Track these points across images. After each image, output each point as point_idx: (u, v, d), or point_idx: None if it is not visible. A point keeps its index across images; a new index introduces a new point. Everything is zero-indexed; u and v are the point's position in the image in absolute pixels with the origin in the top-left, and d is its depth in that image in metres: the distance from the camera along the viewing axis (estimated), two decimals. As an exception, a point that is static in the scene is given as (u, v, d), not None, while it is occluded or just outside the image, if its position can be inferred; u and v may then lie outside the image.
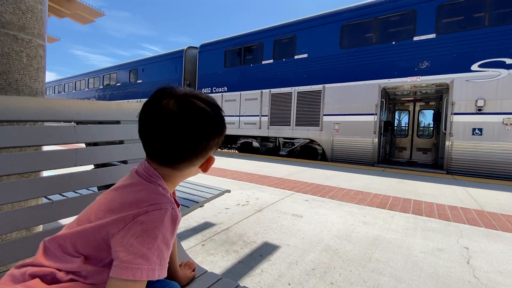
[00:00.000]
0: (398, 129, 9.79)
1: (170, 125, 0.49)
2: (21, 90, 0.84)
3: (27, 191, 0.63)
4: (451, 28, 5.84)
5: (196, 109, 0.51)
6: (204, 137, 0.52)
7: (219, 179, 4.04)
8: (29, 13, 0.86)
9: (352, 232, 2.09)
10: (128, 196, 0.52)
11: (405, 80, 6.29)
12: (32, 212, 0.63)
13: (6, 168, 0.61)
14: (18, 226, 0.60)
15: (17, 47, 0.83)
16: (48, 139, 0.67)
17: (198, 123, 0.51)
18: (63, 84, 19.58)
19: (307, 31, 7.77)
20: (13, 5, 0.82)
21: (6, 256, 0.59)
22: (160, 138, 0.50)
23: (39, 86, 0.91)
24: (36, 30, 0.89)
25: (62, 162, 0.70)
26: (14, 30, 0.82)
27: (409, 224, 2.32)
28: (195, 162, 0.55)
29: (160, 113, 0.50)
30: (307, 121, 7.76)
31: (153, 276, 0.46)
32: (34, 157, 0.65)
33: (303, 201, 2.95)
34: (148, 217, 0.48)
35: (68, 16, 5.71)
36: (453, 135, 5.79)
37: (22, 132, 0.64)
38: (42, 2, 0.93)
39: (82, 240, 0.50)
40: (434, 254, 1.76)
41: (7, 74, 0.81)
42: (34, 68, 0.88)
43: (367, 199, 3.15)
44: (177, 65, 11.06)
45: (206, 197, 1.55)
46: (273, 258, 1.62)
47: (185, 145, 0.51)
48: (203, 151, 0.54)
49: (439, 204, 3.04)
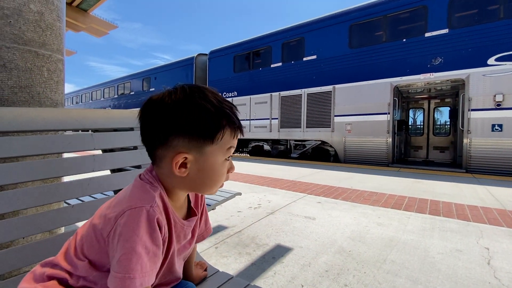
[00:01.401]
0: (413, 128, 9.54)
1: (142, 121, 0.52)
2: (43, 102, 0.90)
3: (50, 195, 0.68)
4: (464, 22, 5.67)
5: (164, 97, 0.50)
6: (163, 130, 0.49)
7: (231, 182, 4.08)
8: (49, 30, 0.93)
9: (366, 233, 2.05)
10: (119, 195, 0.52)
11: (418, 78, 6.14)
12: (54, 215, 0.68)
13: (31, 174, 0.66)
14: (42, 228, 0.65)
15: (38, 63, 0.89)
16: (69, 147, 0.72)
17: (157, 111, 0.50)
18: (81, 95, 20.41)
19: (315, 33, 7.76)
20: (34, 24, 0.89)
21: (32, 256, 0.63)
22: (141, 133, 0.53)
23: (59, 97, 0.97)
24: (55, 46, 0.95)
25: (81, 168, 0.74)
26: (35, 47, 0.88)
27: (426, 225, 2.26)
28: (162, 155, 0.51)
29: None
30: (318, 123, 7.71)
31: (132, 285, 0.43)
32: (56, 164, 0.70)
33: (316, 203, 2.93)
34: (123, 219, 0.46)
35: (84, 30, 5.98)
36: (471, 132, 5.59)
37: (45, 141, 0.69)
38: (60, 19, 0.99)
39: (86, 242, 0.51)
40: (452, 255, 1.70)
41: (30, 87, 0.87)
42: (54, 81, 0.94)
43: (382, 200, 3.09)
44: (188, 72, 11.30)
45: (218, 200, 1.58)
46: (285, 260, 1.62)
47: (148, 133, 0.51)
48: (165, 142, 0.50)
49: (458, 204, 2.94)
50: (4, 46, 0.82)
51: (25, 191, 0.64)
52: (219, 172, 0.53)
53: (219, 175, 0.54)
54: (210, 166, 0.52)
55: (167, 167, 0.51)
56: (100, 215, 0.51)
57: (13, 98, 0.84)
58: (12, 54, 0.83)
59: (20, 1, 0.86)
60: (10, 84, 0.83)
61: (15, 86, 0.84)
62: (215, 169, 0.52)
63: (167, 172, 0.52)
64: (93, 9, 5.35)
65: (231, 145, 0.53)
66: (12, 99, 0.83)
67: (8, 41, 0.83)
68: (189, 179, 0.52)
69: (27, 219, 0.63)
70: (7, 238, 0.60)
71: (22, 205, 0.63)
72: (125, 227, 0.45)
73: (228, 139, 0.52)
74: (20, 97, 0.85)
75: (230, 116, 0.52)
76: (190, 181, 0.52)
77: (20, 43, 0.85)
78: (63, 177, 0.73)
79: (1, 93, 0.82)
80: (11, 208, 0.62)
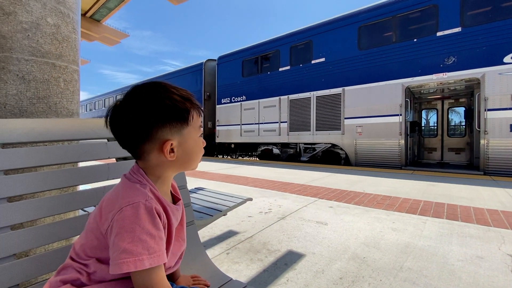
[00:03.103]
0: (426, 129, 9.30)
1: (116, 126, 0.57)
2: (60, 112, 0.93)
3: (66, 204, 0.69)
4: (478, 20, 5.52)
5: (130, 99, 0.55)
6: (145, 125, 0.54)
7: (241, 187, 4.07)
8: (65, 42, 0.96)
9: (380, 239, 2.00)
10: (111, 195, 0.56)
11: (431, 78, 6.00)
12: (71, 224, 0.69)
13: (49, 184, 0.67)
14: (60, 236, 0.66)
15: (55, 74, 0.92)
16: (85, 156, 0.73)
17: (131, 111, 0.54)
18: (94, 102, 20.99)
19: (323, 36, 7.73)
20: (51, 37, 0.92)
21: (49, 265, 0.64)
22: (119, 137, 0.58)
23: (74, 107, 1.00)
24: (71, 57, 0.98)
25: (97, 177, 0.75)
26: (52, 59, 0.91)
27: (444, 230, 2.18)
28: (149, 149, 0.56)
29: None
30: (327, 125, 7.64)
31: (142, 266, 0.48)
32: (72, 173, 0.71)
33: (327, 208, 2.88)
34: (122, 214, 0.50)
35: (97, 40, 6.17)
36: (489, 132, 5.40)
37: (61, 150, 0.70)
38: (75, 31, 1.02)
39: (87, 245, 0.55)
40: (473, 263, 1.63)
41: (47, 98, 0.90)
42: (70, 92, 0.97)
43: (396, 204, 3.01)
44: (197, 78, 11.46)
45: (229, 206, 1.57)
46: (298, 267, 1.59)
47: (129, 133, 0.55)
48: (149, 136, 0.54)
49: (477, 208, 2.83)
50: (23, 59, 0.85)
51: (42, 201, 0.66)
52: (198, 148, 0.61)
53: (199, 150, 0.62)
54: (191, 145, 0.59)
55: (155, 158, 0.57)
56: (94, 218, 0.55)
57: (31, 109, 0.86)
58: (31, 66, 0.86)
59: (38, 14, 0.89)
60: (29, 95, 0.85)
61: (34, 97, 0.86)
62: (195, 146, 0.60)
63: (156, 162, 0.58)
64: (106, 19, 5.53)
65: (200, 124, 0.62)
66: (30, 109, 0.86)
67: (26, 54, 0.86)
68: (178, 161, 0.58)
69: (45, 228, 0.65)
70: (26, 247, 0.62)
71: (40, 214, 0.65)
72: (127, 220, 0.50)
73: (197, 118, 0.60)
74: (38, 108, 0.87)
75: (191, 99, 0.59)
76: (179, 162, 0.59)
77: (38, 56, 0.87)
78: (79, 185, 0.74)
79: (20, 104, 0.84)
80: (30, 218, 0.63)
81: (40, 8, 0.89)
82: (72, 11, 0.99)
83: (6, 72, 0.82)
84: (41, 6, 0.89)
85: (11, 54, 0.83)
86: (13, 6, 0.85)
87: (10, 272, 0.58)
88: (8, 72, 0.82)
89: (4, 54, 0.82)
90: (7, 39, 0.83)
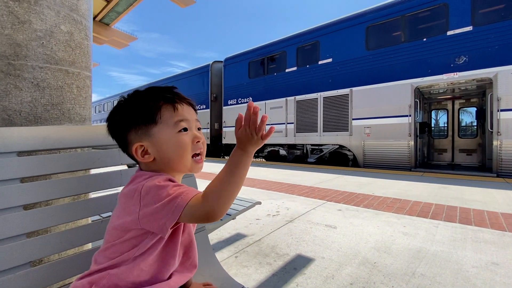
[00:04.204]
0: (436, 130, 9.13)
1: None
2: (73, 118, 0.94)
3: (80, 211, 0.69)
4: (490, 19, 5.39)
5: (111, 111, 0.61)
6: (119, 133, 0.59)
7: (248, 188, 4.07)
8: (78, 49, 0.97)
9: (391, 244, 1.96)
10: (127, 188, 0.58)
11: (441, 78, 5.89)
12: (85, 230, 0.70)
13: (63, 191, 0.68)
14: (74, 243, 0.67)
15: (68, 80, 0.93)
16: (98, 163, 0.74)
17: (110, 122, 0.61)
18: (103, 104, 21.35)
19: (330, 36, 7.68)
20: (64, 44, 0.93)
21: (66, 271, 0.65)
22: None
23: (87, 113, 1.01)
24: (83, 63, 1.00)
25: (110, 183, 0.76)
26: (66, 66, 0.92)
27: (457, 235, 2.12)
28: (132, 154, 0.59)
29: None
30: (335, 126, 7.57)
31: (184, 201, 0.50)
32: (85, 180, 0.72)
33: (336, 210, 2.85)
34: (148, 184, 0.52)
35: (106, 43, 6.27)
36: (502, 134, 5.26)
37: (75, 157, 0.71)
38: (88, 37, 1.04)
39: (111, 245, 0.56)
40: (488, 269, 1.59)
41: (61, 105, 0.91)
42: (83, 98, 0.98)
43: (406, 207, 2.96)
44: (204, 80, 11.52)
45: (238, 209, 1.57)
46: (307, 271, 1.57)
47: (116, 142, 0.61)
48: (126, 142, 0.59)
49: (491, 212, 2.75)
50: (37, 66, 0.86)
51: (56, 208, 0.66)
52: (177, 144, 0.57)
53: (179, 147, 0.57)
54: (165, 143, 0.56)
55: (140, 163, 0.60)
56: (117, 217, 0.56)
57: (45, 115, 0.88)
58: (45, 73, 0.87)
59: (52, 22, 0.90)
60: (43, 102, 0.87)
61: (48, 104, 0.88)
62: (170, 143, 0.57)
63: (144, 166, 0.60)
64: (115, 22, 5.61)
65: (178, 118, 0.57)
66: (44, 116, 0.87)
67: (41, 61, 0.87)
68: (159, 161, 0.58)
69: (59, 235, 0.65)
70: (41, 254, 0.62)
71: (54, 221, 0.65)
72: (153, 187, 0.51)
73: (170, 115, 0.57)
74: (52, 114, 0.88)
75: (164, 95, 0.58)
76: (161, 162, 0.58)
77: (52, 63, 0.89)
78: (93, 192, 0.74)
79: (35, 111, 0.86)
80: (45, 225, 0.64)
81: (54, 16, 0.90)
82: (84, 18, 1.00)
83: (22, 80, 0.84)
84: (54, 14, 0.90)
85: (26, 62, 0.85)
86: (28, 15, 0.86)
87: (26, 280, 0.59)
88: (23, 80, 0.84)
89: (19, 62, 0.84)
90: (22, 47, 0.85)
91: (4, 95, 0.81)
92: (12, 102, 0.82)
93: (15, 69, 0.83)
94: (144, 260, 0.54)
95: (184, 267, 0.64)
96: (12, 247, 0.58)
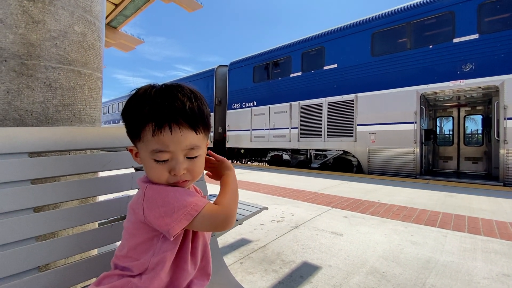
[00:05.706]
0: (442, 137, 9.05)
1: None
2: (83, 119, 0.93)
3: (90, 214, 0.68)
4: (496, 27, 5.37)
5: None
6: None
7: (252, 193, 4.04)
8: (91, 50, 0.96)
9: (399, 253, 1.92)
10: (134, 197, 0.58)
11: (447, 85, 5.85)
12: (94, 235, 0.68)
13: (73, 193, 0.66)
14: (83, 248, 0.65)
15: (80, 81, 0.93)
16: (109, 165, 0.72)
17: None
18: (108, 106, 21.50)
19: (336, 42, 7.69)
20: (77, 45, 0.93)
21: (73, 277, 0.63)
22: None
23: (97, 114, 1.00)
24: (95, 65, 0.99)
25: (120, 186, 0.74)
26: (78, 66, 0.92)
27: (466, 245, 2.08)
28: (133, 152, 0.58)
29: None
30: (339, 132, 7.53)
31: (198, 208, 0.51)
32: (96, 182, 0.70)
33: (342, 217, 2.81)
34: (147, 191, 0.53)
35: (113, 46, 6.33)
36: (509, 142, 5.19)
37: (87, 159, 0.70)
38: (100, 39, 1.03)
39: (130, 248, 0.56)
40: (499, 281, 1.54)
41: (72, 105, 0.90)
42: (93, 99, 0.97)
43: (413, 215, 2.91)
44: (208, 83, 11.57)
45: (245, 215, 1.54)
46: (314, 280, 1.54)
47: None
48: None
49: (500, 222, 2.69)
50: (50, 67, 0.86)
51: (66, 211, 0.65)
52: (150, 167, 0.54)
53: (152, 171, 0.54)
54: (143, 161, 0.55)
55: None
56: (132, 223, 0.56)
57: (57, 116, 0.87)
58: (57, 74, 0.87)
59: (66, 23, 0.90)
60: (55, 103, 0.86)
61: (59, 104, 0.87)
62: (146, 165, 0.54)
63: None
64: (122, 26, 5.67)
65: (154, 148, 0.50)
66: (56, 117, 0.87)
67: (54, 61, 0.87)
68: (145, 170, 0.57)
69: (67, 239, 0.64)
70: (50, 259, 0.60)
71: (64, 225, 0.64)
72: (155, 193, 0.52)
73: (148, 139, 0.50)
74: (63, 115, 0.88)
75: (157, 111, 0.50)
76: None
77: (65, 64, 0.88)
78: (103, 195, 0.73)
79: (47, 111, 0.85)
80: (54, 228, 0.62)
81: (68, 16, 0.90)
82: (98, 19, 1.00)
83: (34, 80, 0.83)
84: (69, 15, 0.90)
85: (39, 62, 0.84)
86: (42, 15, 0.86)
87: (34, 286, 0.57)
88: (36, 80, 0.83)
89: (32, 62, 0.83)
90: (36, 47, 0.84)
91: (16, 95, 0.81)
92: (24, 102, 0.82)
93: (28, 69, 0.82)
94: (162, 269, 0.53)
95: (200, 274, 0.63)
96: (21, 251, 0.57)
